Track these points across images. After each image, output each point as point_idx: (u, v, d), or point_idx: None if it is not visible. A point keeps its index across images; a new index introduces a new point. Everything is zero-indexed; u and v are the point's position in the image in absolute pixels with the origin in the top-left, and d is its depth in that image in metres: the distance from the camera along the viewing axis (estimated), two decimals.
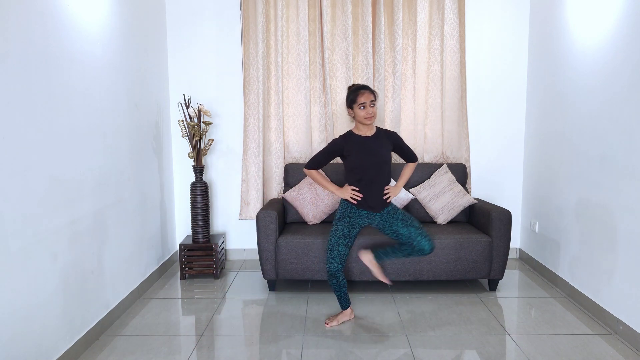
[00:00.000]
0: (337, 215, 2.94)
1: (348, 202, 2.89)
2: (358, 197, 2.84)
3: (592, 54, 3.12)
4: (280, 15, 3.97)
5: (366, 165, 2.85)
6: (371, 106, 2.78)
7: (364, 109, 2.77)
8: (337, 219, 2.92)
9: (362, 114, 2.78)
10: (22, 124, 2.12)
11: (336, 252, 2.89)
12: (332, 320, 2.98)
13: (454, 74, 4.03)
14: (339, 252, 2.89)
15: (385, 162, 2.88)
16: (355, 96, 2.79)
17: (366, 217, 2.90)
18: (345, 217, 2.90)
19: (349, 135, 2.89)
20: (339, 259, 2.90)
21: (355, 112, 2.81)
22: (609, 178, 2.91)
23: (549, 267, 3.71)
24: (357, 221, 2.91)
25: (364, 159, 2.85)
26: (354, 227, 2.91)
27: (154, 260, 3.76)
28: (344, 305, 3.01)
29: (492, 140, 4.24)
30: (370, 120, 2.80)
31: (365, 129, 2.87)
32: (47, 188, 2.30)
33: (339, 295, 2.98)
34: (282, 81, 4.04)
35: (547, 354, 2.58)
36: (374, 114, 2.79)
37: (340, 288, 2.96)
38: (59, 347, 2.41)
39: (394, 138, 2.94)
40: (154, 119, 3.76)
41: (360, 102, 2.77)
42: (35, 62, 2.21)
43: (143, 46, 3.58)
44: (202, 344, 2.73)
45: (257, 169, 4.06)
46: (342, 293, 2.97)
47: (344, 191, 2.89)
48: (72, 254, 2.54)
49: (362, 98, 2.76)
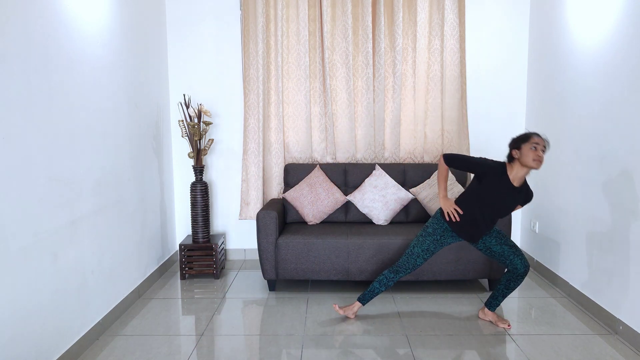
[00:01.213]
0: (429, 228, 2.88)
1: (444, 219, 2.84)
2: (455, 217, 2.78)
3: (592, 53, 3.12)
4: (280, 15, 3.97)
5: (493, 206, 2.76)
6: (543, 151, 2.61)
7: (536, 150, 2.58)
8: (428, 232, 2.87)
9: (532, 155, 2.58)
10: (22, 124, 2.12)
11: (412, 263, 2.90)
12: (343, 309, 3.02)
13: (454, 74, 4.03)
14: (416, 264, 2.90)
15: (508, 211, 2.83)
16: (528, 137, 2.64)
17: (458, 237, 2.89)
18: (436, 234, 2.85)
19: (502, 172, 2.70)
20: (412, 269, 2.92)
21: (524, 152, 2.61)
22: (608, 178, 2.91)
23: (549, 267, 3.71)
24: (447, 240, 2.88)
25: (495, 202, 2.75)
26: (441, 245, 2.89)
27: (154, 260, 3.76)
28: (364, 299, 3.01)
29: (492, 140, 4.23)
30: (538, 165, 2.60)
31: (518, 176, 2.68)
32: (47, 188, 2.30)
33: (373, 291, 2.97)
34: (282, 81, 4.04)
35: (547, 354, 2.58)
36: (542, 160, 2.62)
37: (382, 288, 2.96)
38: (59, 347, 2.41)
39: (527, 197, 2.80)
40: (154, 119, 3.76)
41: (534, 141, 2.60)
42: (35, 63, 2.21)
43: (143, 46, 3.58)
44: (202, 344, 2.73)
45: (257, 169, 4.06)
46: (378, 292, 2.98)
47: (447, 203, 2.81)
48: (72, 254, 2.54)
49: (537, 139, 2.62)
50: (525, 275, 2.83)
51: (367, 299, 3.01)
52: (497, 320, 2.94)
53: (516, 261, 2.80)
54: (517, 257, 2.81)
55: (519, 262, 2.80)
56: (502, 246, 2.83)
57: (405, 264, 2.92)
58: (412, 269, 2.94)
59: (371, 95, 4.03)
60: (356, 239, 3.40)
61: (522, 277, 2.83)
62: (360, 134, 4.13)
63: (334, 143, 4.11)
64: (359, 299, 3.03)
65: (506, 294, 2.91)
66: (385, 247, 3.38)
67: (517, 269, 2.81)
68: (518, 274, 2.82)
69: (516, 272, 2.82)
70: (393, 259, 3.37)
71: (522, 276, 2.83)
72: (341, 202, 3.85)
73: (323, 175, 3.90)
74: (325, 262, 3.40)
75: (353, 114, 4.07)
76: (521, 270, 2.81)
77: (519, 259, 2.81)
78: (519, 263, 2.80)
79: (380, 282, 2.96)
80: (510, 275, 2.85)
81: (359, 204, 3.81)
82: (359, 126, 4.12)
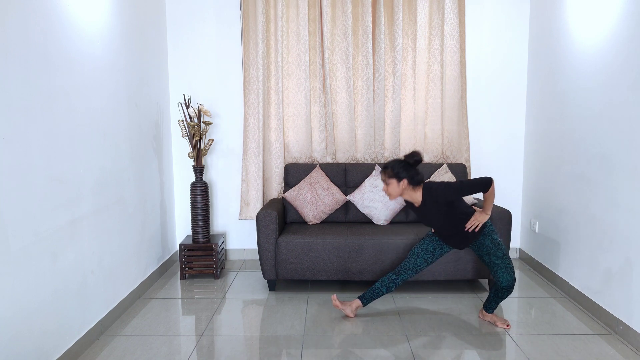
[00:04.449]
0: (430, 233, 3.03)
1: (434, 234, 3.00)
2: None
3: (592, 53, 3.12)
4: (280, 15, 3.97)
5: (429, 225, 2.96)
6: (386, 184, 2.79)
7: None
8: (428, 234, 3.02)
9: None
10: (22, 124, 2.12)
11: (412, 263, 2.97)
12: (342, 304, 3.04)
13: (454, 74, 4.03)
14: (416, 263, 2.97)
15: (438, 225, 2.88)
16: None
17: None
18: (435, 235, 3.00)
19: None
20: (413, 270, 2.97)
21: None
22: (609, 178, 2.91)
23: (549, 267, 3.71)
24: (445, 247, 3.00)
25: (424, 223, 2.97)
26: (440, 247, 2.97)
27: (154, 260, 3.76)
28: (364, 299, 3.01)
29: (492, 141, 4.24)
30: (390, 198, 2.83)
31: (412, 199, 2.83)
32: (47, 188, 2.30)
33: (374, 291, 2.99)
34: (282, 81, 4.04)
35: (547, 354, 2.58)
36: (388, 193, 2.80)
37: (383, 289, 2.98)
38: (59, 346, 2.41)
39: (442, 198, 2.75)
40: (154, 119, 3.76)
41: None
42: (35, 63, 2.21)
43: (143, 46, 3.58)
44: (202, 344, 2.73)
45: (257, 169, 4.06)
46: (379, 292, 3.00)
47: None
48: (72, 254, 2.54)
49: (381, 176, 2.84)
50: (508, 290, 2.83)
51: (367, 299, 3.01)
52: (497, 320, 2.94)
53: (500, 274, 2.80)
54: (502, 271, 2.80)
55: (503, 277, 2.79)
56: (491, 257, 2.83)
57: (407, 264, 2.96)
58: (414, 270, 2.95)
59: (371, 95, 4.03)
60: (356, 239, 3.40)
61: (506, 291, 2.84)
62: (360, 134, 4.13)
63: (334, 143, 4.11)
64: (359, 298, 3.03)
65: (498, 300, 2.91)
66: (385, 247, 3.38)
67: (500, 282, 2.81)
68: (501, 287, 2.82)
69: (499, 284, 2.83)
70: (393, 258, 3.37)
71: (506, 290, 2.83)
72: (341, 202, 3.85)
73: (323, 175, 3.90)
74: (325, 262, 3.40)
75: (353, 114, 4.07)
76: (503, 284, 2.81)
77: (504, 273, 2.79)
78: (503, 277, 2.79)
79: (382, 282, 2.98)
80: (496, 286, 2.87)
81: (359, 204, 3.81)
82: (359, 126, 4.12)
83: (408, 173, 2.73)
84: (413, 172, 2.74)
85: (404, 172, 2.73)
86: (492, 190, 2.74)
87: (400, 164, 2.76)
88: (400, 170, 2.73)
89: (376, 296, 3.01)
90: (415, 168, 2.76)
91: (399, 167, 2.74)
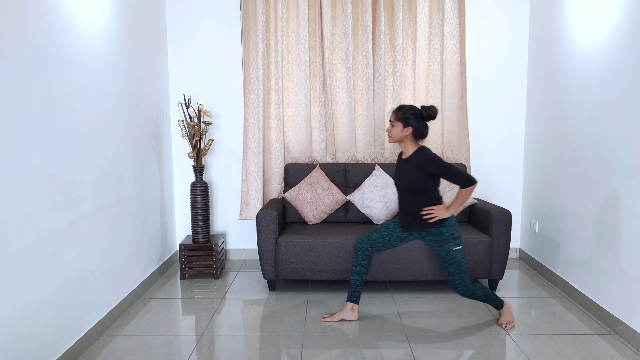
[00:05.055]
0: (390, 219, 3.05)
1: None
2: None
3: (592, 53, 3.12)
4: (280, 15, 3.97)
5: (396, 186, 2.92)
6: (392, 126, 2.79)
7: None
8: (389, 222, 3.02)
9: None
10: (22, 124, 2.12)
11: (367, 236, 2.99)
12: (335, 314, 3.02)
13: (454, 73, 4.03)
14: (371, 237, 2.98)
15: (403, 189, 2.85)
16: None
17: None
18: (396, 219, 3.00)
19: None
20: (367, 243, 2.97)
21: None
22: (609, 178, 2.91)
23: (549, 267, 3.72)
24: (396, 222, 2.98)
25: (394, 180, 2.93)
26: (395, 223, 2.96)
27: (154, 260, 3.76)
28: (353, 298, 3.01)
29: (492, 140, 4.24)
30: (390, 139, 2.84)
31: (404, 149, 2.84)
32: (47, 188, 2.30)
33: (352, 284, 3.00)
34: (282, 81, 4.04)
35: (547, 354, 2.58)
36: (390, 134, 2.81)
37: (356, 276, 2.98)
38: (59, 346, 2.41)
39: (424, 164, 2.70)
40: (154, 119, 3.76)
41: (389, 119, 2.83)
42: (35, 63, 2.21)
43: (143, 46, 3.58)
44: (202, 344, 2.73)
45: (257, 169, 4.06)
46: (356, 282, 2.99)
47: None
48: (72, 254, 2.54)
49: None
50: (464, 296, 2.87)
51: (353, 295, 3.01)
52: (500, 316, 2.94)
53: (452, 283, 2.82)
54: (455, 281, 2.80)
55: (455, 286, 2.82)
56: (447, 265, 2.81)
57: (362, 239, 3.00)
58: (368, 244, 2.97)
59: (371, 95, 4.03)
60: (356, 239, 3.40)
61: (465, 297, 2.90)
62: (360, 134, 4.13)
63: (334, 143, 4.11)
64: (348, 300, 3.02)
65: (488, 302, 2.91)
66: None
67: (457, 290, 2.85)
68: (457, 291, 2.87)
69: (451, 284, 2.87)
70: (392, 258, 3.37)
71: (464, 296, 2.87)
72: (341, 202, 3.85)
73: (323, 175, 3.90)
74: (325, 262, 3.40)
75: (353, 114, 4.07)
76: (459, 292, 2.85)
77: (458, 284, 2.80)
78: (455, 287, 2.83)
79: (351, 273, 3.01)
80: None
81: (359, 204, 3.81)
82: (359, 126, 4.13)
83: (417, 123, 2.73)
84: (421, 124, 2.75)
85: (414, 120, 2.73)
86: (469, 191, 2.70)
87: (413, 111, 2.75)
88: (411, 117, 2.73)
89: (356, 287, 3.00)
90: (425, 122, 2.77)
91: (410, 114, 2.74)
